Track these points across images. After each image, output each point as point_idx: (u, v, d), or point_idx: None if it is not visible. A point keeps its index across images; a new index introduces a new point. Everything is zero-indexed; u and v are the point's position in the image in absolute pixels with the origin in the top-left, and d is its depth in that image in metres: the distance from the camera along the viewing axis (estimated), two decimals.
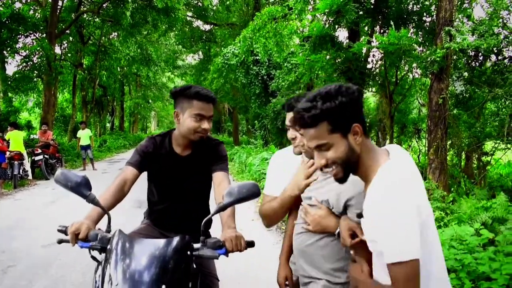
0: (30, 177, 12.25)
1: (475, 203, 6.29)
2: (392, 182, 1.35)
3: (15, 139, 11.65)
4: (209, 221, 1.91)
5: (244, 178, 12.63)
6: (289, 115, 2.04)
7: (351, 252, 1.67)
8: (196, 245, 1.87)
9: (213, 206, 2.01)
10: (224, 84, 22.20)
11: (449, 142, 9.97)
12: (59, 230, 1.95)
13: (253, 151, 16.57)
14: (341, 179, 1.47)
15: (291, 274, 2.16)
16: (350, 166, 1.44)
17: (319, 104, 1.37)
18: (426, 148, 9.29)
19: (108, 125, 34.37)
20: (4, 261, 5.19)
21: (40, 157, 13.04)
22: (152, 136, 2.46)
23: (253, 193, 1.81)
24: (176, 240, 1.76)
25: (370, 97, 17.15)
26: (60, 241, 1.96)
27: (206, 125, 2.24)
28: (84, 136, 15.56)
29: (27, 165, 12.20)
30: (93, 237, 1.86)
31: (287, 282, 2.17)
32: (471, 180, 9.56)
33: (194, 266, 1.97)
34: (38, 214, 7.74)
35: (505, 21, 7.59)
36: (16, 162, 11.34)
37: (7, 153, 11.22)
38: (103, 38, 23.04)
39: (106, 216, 1.97)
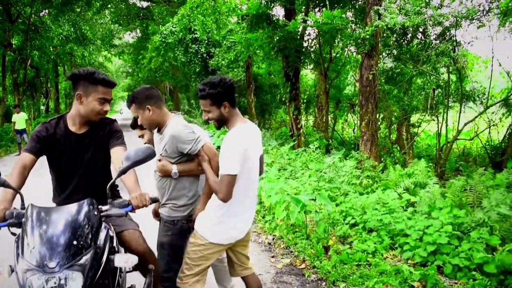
0: None
1: (400, 171, 6.83)
2: (235, 132, 2.44)
3: None
4: (113, 185, 2.17)
5: None
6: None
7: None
8: (105, 207, 2.15)
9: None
10: (163, 63, 21.87)
11: (381, 116, 10.59)
12: None
13: None
14: (217, 128, 2.60)
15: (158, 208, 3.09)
16: (221, 123, 2.54)
17: (207, 89, 2.44)
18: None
19: (42, 107, 32.89)
20: None
21: None
22: (45, 121, 2.64)
23: (148, 155, 2.16)
24: (83, 204, 2.04)
25: (309, 74, 17.59)
26: None
27: (107, 107, 2.52)
28: (20, 120, 14.92)
29: None
30: (10, 216, 2.08)
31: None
32: (401, 150, 10.23)
33: (110, 226, 2.26)
34: None
35: (427, 1, 8.08)
36: None
37: None
38: (33, 16, 21.86)
39: (18, 197, 2.17)
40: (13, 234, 2.11)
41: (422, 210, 4.83)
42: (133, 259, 2.05)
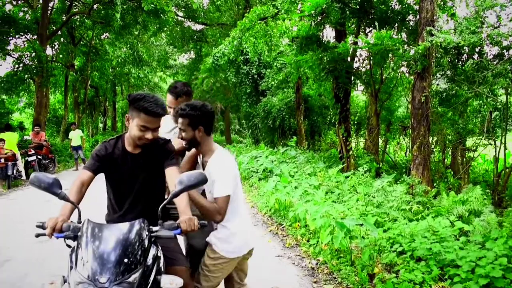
0: (23, 177, 12.37)
1: (453, 197, 6.53)
2: (225, 158, 2.68)
3: (9, 141, 11.78)
4: (165, 207, 2.25)
5: None
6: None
7: None
8: (155, 228, 2.21)
9: None
10: (215, 84, 22.33)
11: (434, 139, 10.22)
12: (37, 226, 2.25)
13: (243, 150, 16.72)
14: (187, 149, 2.79)
15: None
16: (192, 144, 2.70)
17: (187, 109, 2.62)
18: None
19: (100, 125, 34.35)
20: (1, 256, 5.38)
21: (33, 157, 13.18)
22: (104, 141, 2.74)
23: (200, 180, 2.19)
24: (135, 223, 2.12)
25: (360, 95, 17.34)
26: (38, 235, 2.24)
27: (149, 135, 2.48)
28: (75, 136, 15.69)
29: (20, 165, 12.31)
30: (67, 228, 2.18)
31: None
32: (455, 175, 9.80)
33: (158, 247, 2.30)
34: (32, 212, 7.90)
35: (483, 21, 7.79)
36: (10, 163, 11.46)
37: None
38: (94, 39, 23.06)
39: (76, 210, 2.30)
40: (68, 246, 2.22)
41: (475, 240, 4.57)
42: (178, 282, 2.09)
